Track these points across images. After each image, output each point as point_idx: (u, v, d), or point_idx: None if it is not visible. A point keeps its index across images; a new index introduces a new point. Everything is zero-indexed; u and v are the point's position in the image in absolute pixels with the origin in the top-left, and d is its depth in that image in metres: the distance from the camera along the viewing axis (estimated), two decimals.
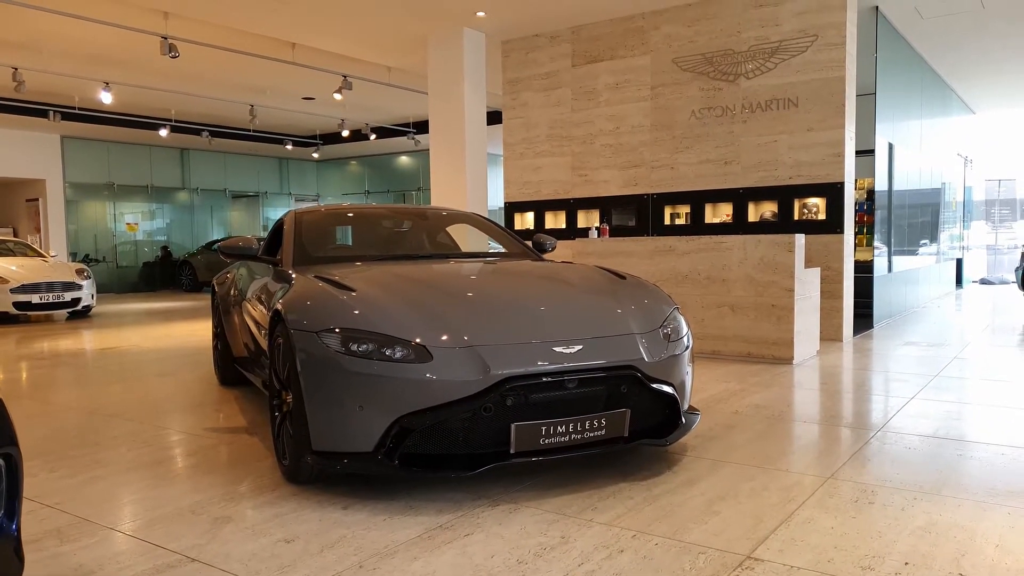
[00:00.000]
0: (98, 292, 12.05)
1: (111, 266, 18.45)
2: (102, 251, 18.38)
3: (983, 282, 16.60)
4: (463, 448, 2.90)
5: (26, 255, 11.74)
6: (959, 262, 15.29)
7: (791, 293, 6.09)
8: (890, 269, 9.80)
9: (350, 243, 4.71)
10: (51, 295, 10.67)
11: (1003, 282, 16.07)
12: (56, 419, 4.50)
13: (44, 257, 11.87)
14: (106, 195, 18.23)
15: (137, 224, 19.12)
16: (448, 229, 5.17)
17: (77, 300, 10.99)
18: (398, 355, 2.86)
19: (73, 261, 15.84)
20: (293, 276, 3.61)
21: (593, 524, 2.67)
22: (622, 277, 3.82)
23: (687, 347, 3.46)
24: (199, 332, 9.06)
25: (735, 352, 6.37)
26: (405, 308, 3.07)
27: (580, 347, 3.02)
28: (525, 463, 3.03)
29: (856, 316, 8.36)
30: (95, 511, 2.88)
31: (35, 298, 10.51)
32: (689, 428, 3.39)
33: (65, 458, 3.62)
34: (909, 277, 10.58)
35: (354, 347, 2.88)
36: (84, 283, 11.13)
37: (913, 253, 10.98)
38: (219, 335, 5.46)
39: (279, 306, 3.24)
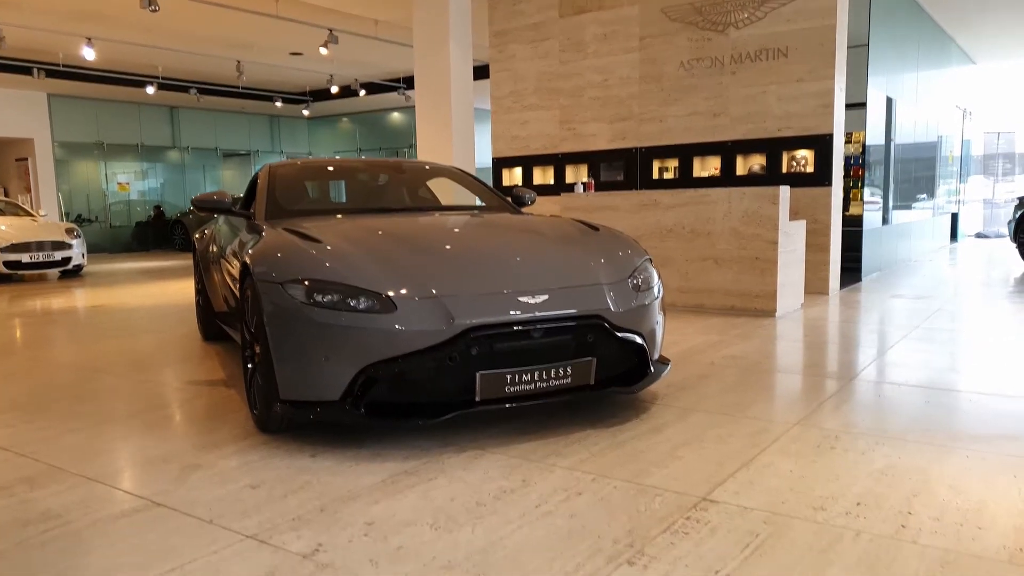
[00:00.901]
0: (92, 252, 12.08)
1: (104, 226, 18.41)
2: (95, 211, 18.32)
3: (979, 236, 16.57)
4: (430, 397, 2.93)
5: (16, 215, 11.70)
6: (954, 216, 15.24)
7: (775, 246, 6.07)
8: (884, 223, 9.77)
9: (325, 197, 4.68)
10: (41, 254, 10.66)
11: (999, 236, 16.03)
12: (40, 374, 4.53)
13: (34, 217, 11.83)
14: (96, 154, 18.09)
15: (129, 184, 19.01)
16: (429, 184, 5.14)
17: (67, 259, 10.98)
18: (363, 306, 2.87)
19: (66, 221, 15.79)
20: (264, 229, 3.60)
21: (556, 469, 2.71)
22: (595, 229, 3.81)
23: (657, 297, 3.46)
24: (188, 290, 9.07)
25: (719, 306, 6.39)
26: (371, 259, 3.07)
27: (546, 297, 3.02)
28: (493, 412, 3.06)
29: (845, 270, 8.36)
30: (68, 460, 2.91)
31: (25, 257, 10.50)
32: (658, 376, 3.41)
33: (45, 410, 3.66)
34: (901, 231, 10.55)
35: (319, 298, 2.89)
36: (74, 242, 11.11)
37: (906, 207, 10.93)
38: (201, 291, 5.48)
39: (247, 258, 3.24)
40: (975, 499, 2.39)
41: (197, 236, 5.64)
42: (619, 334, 3.15)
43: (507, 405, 2.92)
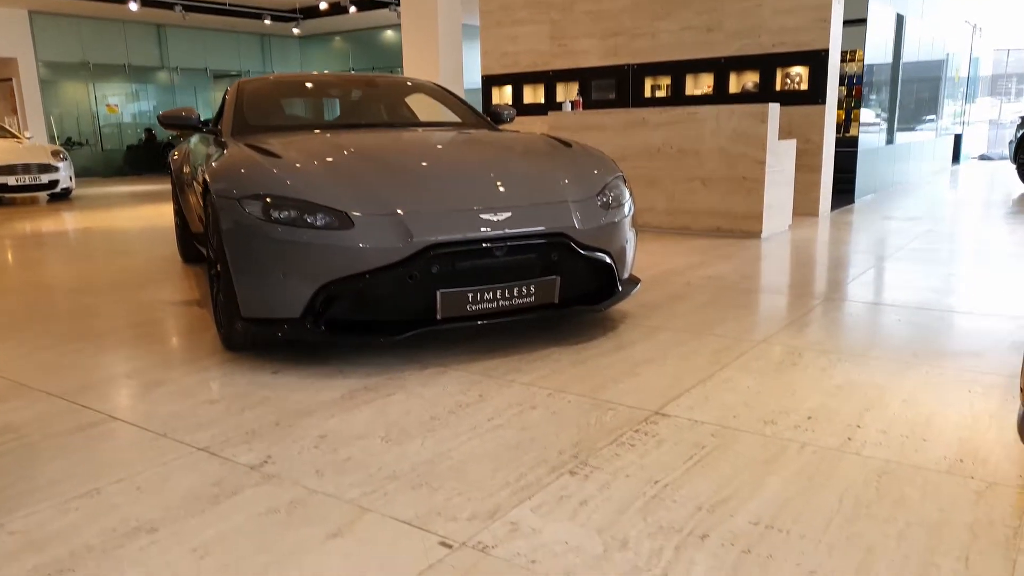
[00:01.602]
0: (83, 176, 11.96)
1: (95, 149, 18.17)
2: (85, 135, 18.04)
3: (982, 158, 16.28)
4: (391, 315, 2.92)
5: (2, 137, 11.52)
6: (958, 137, 14.95)
7: (762, 166, 5.96)
8: (885, 143, 9.58)
9: (295, 113, 4.57)
10: (27, 177, 10.55)
11: (1003, 157, 15.73)
12: (17, 295, 4.54)
13: (19, 139, 11.65)
14: (83, 76, 17.68)
15: (118, 107, 18.66)
16: (409, 101, 5.00)
17: (54, 182, 10.86)
18: (320, 222, 2.82)
19: (57, 144, 15.57)
20: (228, 145, 3.52)
21: (514, 384, 2.72)
22: (568, 145, 3.72)
23: (627, 215, 3.41)
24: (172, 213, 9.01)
25: (705, 227, 6.32)
26: (331, 175, 3.01)
27: (509, 215, 2.97)
28: (461, 331, 3.06)
29: (838, 192, 8.25)
30: (33, 377, 2.93)
31: (11, 180, 10.39)
32: (626, 295, 3.40)
33: (17, 330, 3.67)
34: (900, 153, 10.36)
35: (276, 214, 2.84)
36: (60, 164, 10.97)
37: (908, 128, 10.69)
38: (178, 212, 5.42)
39: (206, 175, 3.17)
40: (925, 413, 2.40)
41: (173, 156, 5.55)
42: (585, 253, 3.12)
43: (469, 323, 2.91)
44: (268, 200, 2.87)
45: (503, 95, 9.29)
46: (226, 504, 1.89)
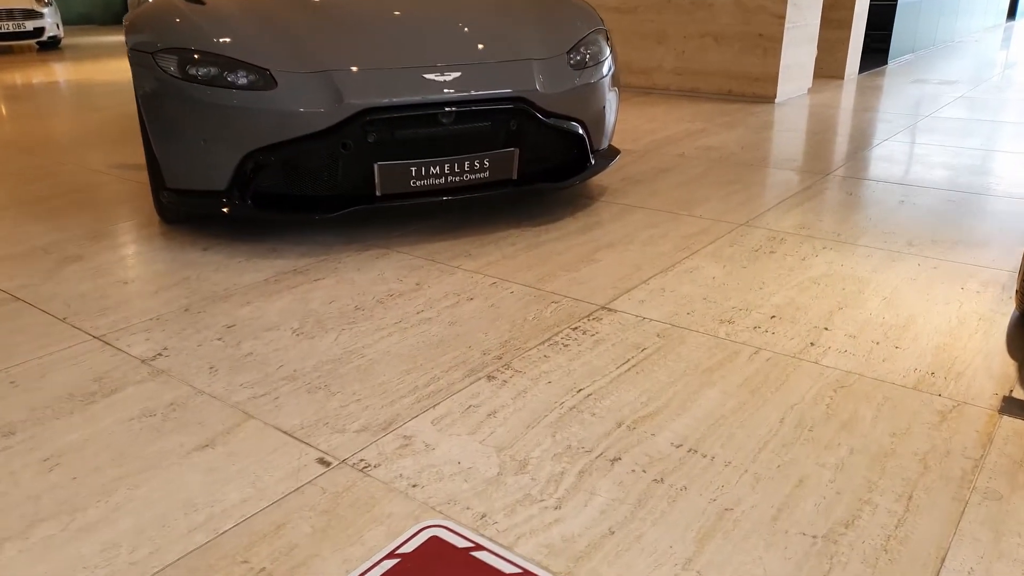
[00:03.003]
0: (80, 24, 11.33)
1: None
2: None
3: None
4: (327, 189, 2.64)
5: None
6: None
7: (781, 21, 5.36)
8: None
9: None
10: (11, 23, 10.02)
11: None
12: None
13: None
14: None
15: None
16: None
17: (40, 30, 10.34)
18: (241, 81, 2.49)
19: None
20: None
21: (458, 271, 2.48)
22: None
23: (605, 76, 3.01)
24: None
25: (715, 89, 5.81)
26: (257, 26, 2.63)
27: (458, 74, 2.61)
28: (411, 209, 2.78)
29: (871, 51, 7.56)
30: None
31: None
32: (599, 170, 3.07)
33: None
34: (943, 6, 9.41)
35: (192, 71, 2.51)
36: (45, 11, 10.39)
37: None
38: None
39: (124, 25, 2.81)
40: (905, 314, 2.13)
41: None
42: (550, 121, 2.77)
43: (413, 201, 2.64)
44: (185, 55, 2.53)
45: None
46: (100, 405, 1.72)
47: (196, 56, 2.51)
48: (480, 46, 2.74)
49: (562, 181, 2.91)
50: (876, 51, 7.64)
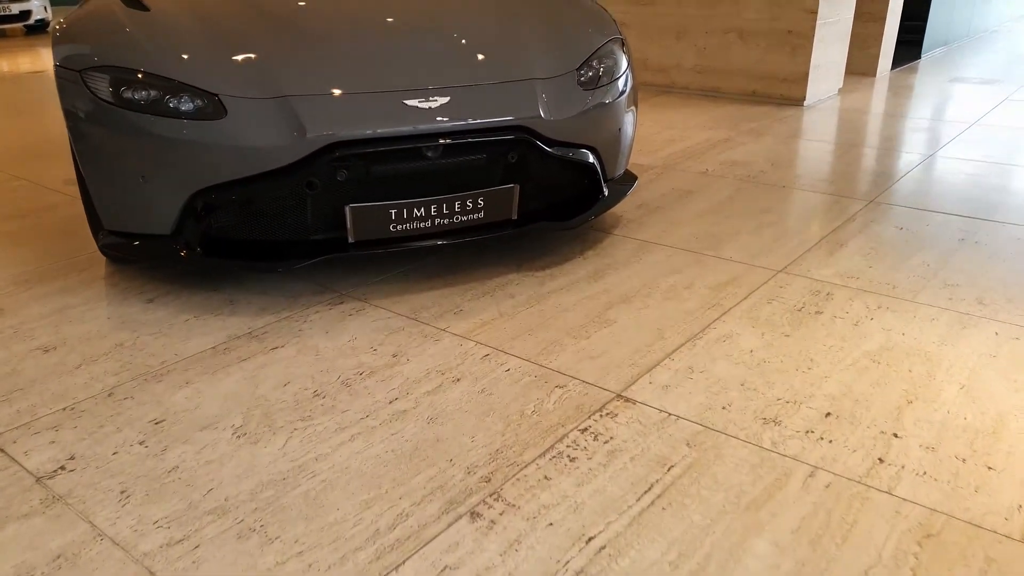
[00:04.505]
0: (69, 4, 10.88)
1: None
2: None
3: None
4: (292, 234, 2.24)
5: None
6: None
7: (813, 17, 4.89)
8: None
9: None
10: None
11: None
12: None
13: None
14: None
15: None
16: None
17: (27, 13, 9.93)
18: (185, 107, 2.08)
19: None
20: None
21: (444, 336, 2.08)
22: None
23: (622, 93, 2.59)
24: None
25: (738, 90, 5.35)
26: (205, 40, 2.21)
27: (446, 100, 2.18)
28: (395, 253, 2.37)
29: (903, 44, 7.06)
30: None
31: None
32: (612, 203, 2.65)
33: None
34: None
35: (128, 94, 2.10)
36: None
37: None
38: None
39: (52, 36, 2.40)
40: (991, 412, 1.71)
41: None
42: (556, 151, 2.35)
43: (393, 249, 2.22)
44: (118, 75, 2.11)
45: None
46: None
47: (132, 77, 2.10)
48: (474, 64, 2.31)
49: (570, 219, 2.49)
50: (907, 42, 7.14)
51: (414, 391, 1.82)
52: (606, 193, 2.61)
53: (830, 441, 1.62)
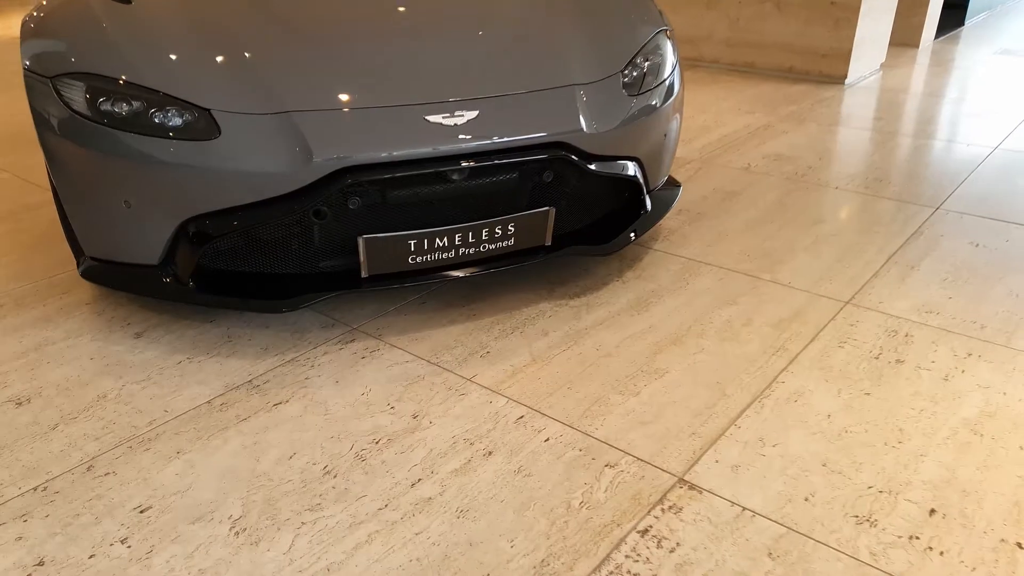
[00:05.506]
0: None
1: None
2: None
3: None
4: (297, 267, 1.95)
5: None
6: None
7: None
8: None
9: None
10: None
11: None
12: None
13: None
14: None
15: None
16: None
17: None
18: (173, 123, 1.78)
19: None
20: None
21: (471, 388, 1.81)
22: None
23: (670, 97, 2.27)
24: None
25: (774, 66, 4.98)
26: (197, 45, 1.89)
27: (474, 114, 1.87)
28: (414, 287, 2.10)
29: (946, 8, 6.62)
30: None
31: None
32: (655, 220, 2.35)
33: None
34: None
35: (106, 107, 1.80)
36: None
37: None
38: None
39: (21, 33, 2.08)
40: None
41: None
42: (597, 168, 2.05)
43: (411, 284, 1.94)
44: (95, 84, 1.81)
45: None
46: None
47: (111, 87, 1.80)
48: (504, 69, 1.99)
49: (608, 242, 2.19)
50: (951, 5, 6.70)
51: (439, 469, 1.56)
52: (649, 208, 2.32)
53: (941, 553, 1.36)
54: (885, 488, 1.51)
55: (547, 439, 1.65)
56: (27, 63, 1.93)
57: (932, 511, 1.45)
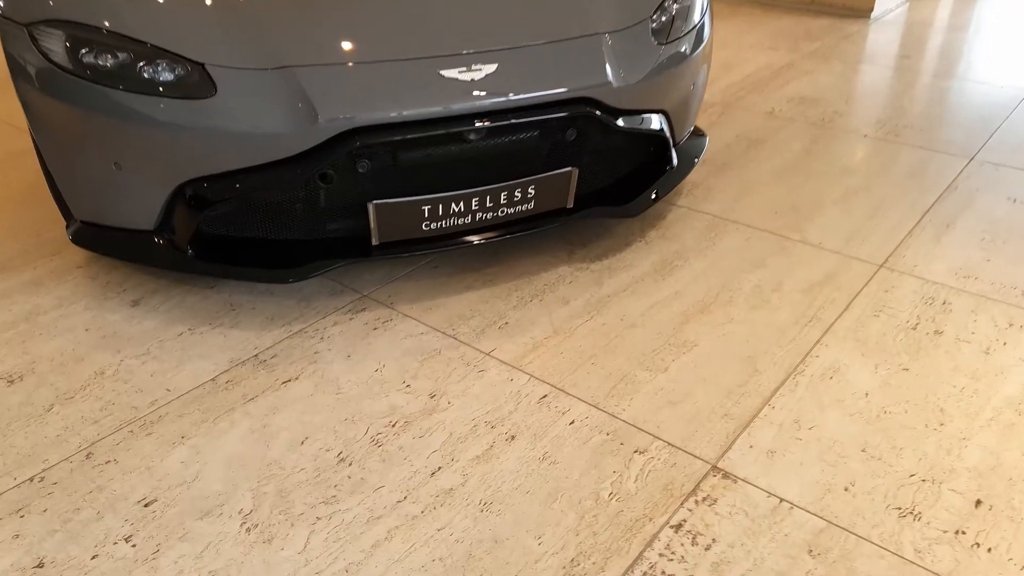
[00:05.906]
0: None
1: None
2: None
3: None
4: (302, 234, 1.83)
5: None
6: None
7: None
8: None
9: None
10: None
11: None
12: None
13: None
14: None
15: None
16: None
17: None
18: (163, 79, 1.63)
19: None
20: None
21: (489, 364, 1.72)
22: None
23: (700, 45, 2.10)
24: None
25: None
26: None
27: (493, 68, 1.72)
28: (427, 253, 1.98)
29: None
30: None
31: None
32: (680, 177, 2.22)
33: None
34: None
35: (89, 59, 1.64)
36: None
37: None
38: None
39: None
40: None
41: None
42: (624, 124, 1.90)
43: (425, 251, 1.83)
44: (75, 33, 1.65)
45: None
46: None
47: (94, 37, 1.63)
48: (525, 17, 1.82)
49: (632, 201, 2.07)
50: None
51: (460, 455, 1.48)
52: (675, 163, 2.18)
53: (988, 550, 1.30)
54: (928, 476, 1.43)
55: (572, 421, 1.57)
56: (2, 8, 1.76)
57: (978, 502, 1.38)
